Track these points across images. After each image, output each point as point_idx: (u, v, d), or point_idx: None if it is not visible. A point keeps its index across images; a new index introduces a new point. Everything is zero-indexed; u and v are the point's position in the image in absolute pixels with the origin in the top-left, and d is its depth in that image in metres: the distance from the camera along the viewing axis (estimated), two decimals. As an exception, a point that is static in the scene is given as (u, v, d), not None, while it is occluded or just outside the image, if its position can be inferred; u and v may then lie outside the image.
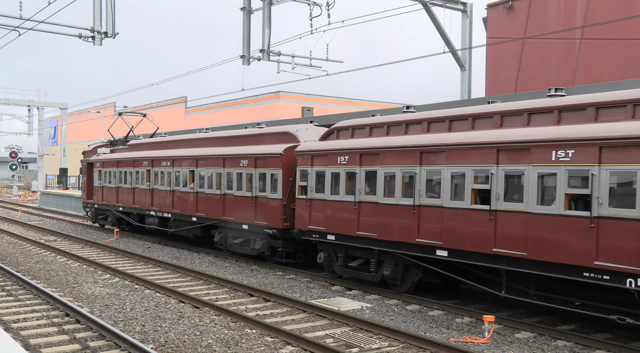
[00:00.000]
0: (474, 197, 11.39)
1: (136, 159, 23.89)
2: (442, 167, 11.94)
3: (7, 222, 30.60)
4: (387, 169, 13.08)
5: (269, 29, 21.45)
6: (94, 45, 20.44)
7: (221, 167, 18.66)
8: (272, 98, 51.55)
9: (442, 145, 11.99)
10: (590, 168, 9.56)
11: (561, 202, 9.92)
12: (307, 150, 15.40)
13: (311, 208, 15.15)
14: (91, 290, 13.74)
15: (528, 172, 10.38)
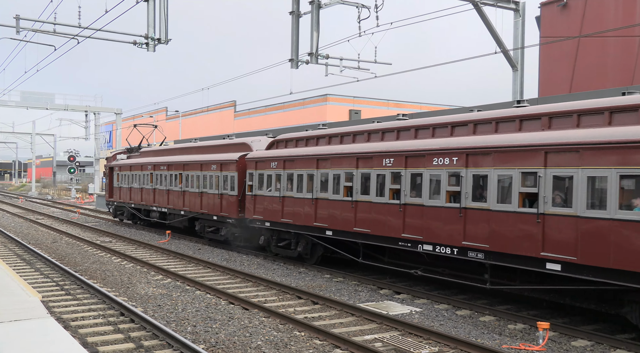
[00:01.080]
0: (344, 190, 16.46)
1: (143, 164, 28.61)
2: (328, 170, 16.28)
3: (65, 224, 31.83)
4: (300, 171, 17.30)
5: (317, 32, 21.55)
6: (148, 51, 21.02)
7: (199, 170, 23.17)
8: (319, 101, 51.75)
9: (330, 154, 16.24)
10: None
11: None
12: (252, 157, 19.78)
13: (255, 202, 19.42)
14: (144, 291, 14.12)
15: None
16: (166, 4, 20.39)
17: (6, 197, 62.23)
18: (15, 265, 17.34)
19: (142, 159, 29.49)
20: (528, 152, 10.98)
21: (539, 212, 10.65)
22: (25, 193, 70.96)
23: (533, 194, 10.87)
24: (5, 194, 70.01)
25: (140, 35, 21.26)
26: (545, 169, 10.67)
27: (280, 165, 18.23)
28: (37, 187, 77.47)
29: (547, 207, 10.57)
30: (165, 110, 74.42)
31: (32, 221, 32.71)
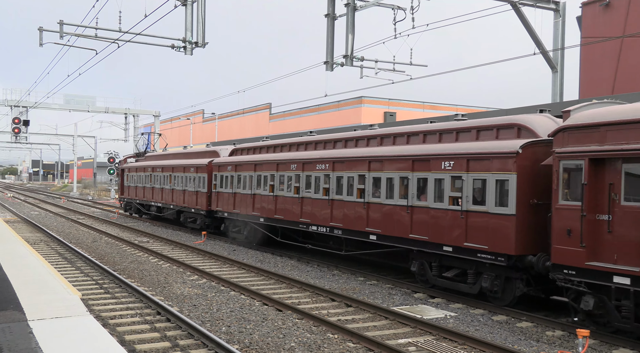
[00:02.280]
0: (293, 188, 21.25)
1: (145, 167, 34.14)
2: (261, 173, 21.70)
3: (105, 224, 32.58)
4: (245, 173, 22.68)
5: (352, 34, 21.54)
6: (185, 54, 21.37)
7: (182, 172, 28.66)
8: (354, 103, 51.68)
9: (262, 161, 21.77)
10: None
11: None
12: (217, 162, 25.23)
13: (217, 197, 24.82)
14: (180, 290, 14.33)
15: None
16: (203, 8, 20.69)
17: (49, 197, 64.10)
18: (57, 264, 17.83)
19: (145, 163, 34.88)
20: (359, 161, 16.61)
21: (365, 201, 16.09)
22: (67, 194, 72.94)
23: (361, 190, 16.40)
24: (48, 194, 72.11)
25: (178, 38, 21.63)
26: (369, 172, 16.14)
27: (233, 168, 23.71)
28: (78, 188, 79.55)
29: (369, 197, 16.03)
30: (202, 113, 75.46)
31: (73, 221, 33.59)
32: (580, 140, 10.71)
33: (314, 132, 22.23)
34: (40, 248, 21.08)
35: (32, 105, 50.01)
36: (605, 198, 10.34)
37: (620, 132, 10.08)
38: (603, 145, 10.31)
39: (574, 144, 10.82)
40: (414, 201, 14.34)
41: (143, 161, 36.37)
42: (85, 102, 58.40)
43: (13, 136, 47.19)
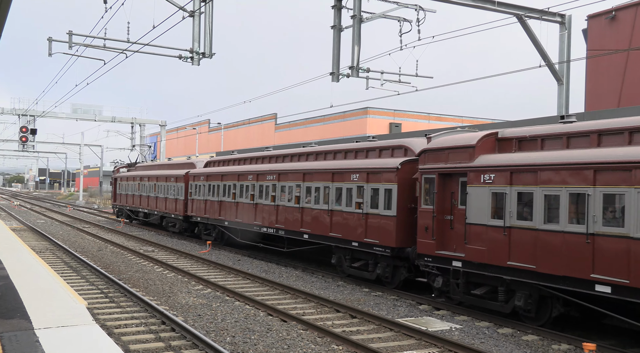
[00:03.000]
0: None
1: (135, 176, 37.35)
2: (226, 182, 24.79)
3: (110, 233, 32.65)
4: (213, 183, 25.80)
5: (358, 46, 21.65)
6: (192, 65, 21.51)
7: (165, 181, 32.03)
8: (360, 114, 51.80)
9: (226, 172, 25.04)
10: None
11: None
12: (192, 173, 28.50)
13: (192, 204, 28.07)
14: (185, 300, 14.34)
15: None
16: (211, 20, 20.86)
17: (55, 206, 64.32)
18: (63, 272, 17.88)
19: (135, 173, 38.10)
20: (296, 173, 19.84)
21: (300, 206, 19.16)
22: (73, 202, 73.18)
23: (298, 197, 19.44)
24: (54, 203, 72.37)
25: (185, 49, 21.79)
26: (303, 182, 19.26)
27: (205, 178, 26.78)
28: (84, 196, 79.82)
29: (303, 203, 19.07)
30: (207, 123, 75.76)
31: (79, 229, 33.68)
32: (434, 160, 14.04)
33: (270, 147, 26.39)
34: (46, 257, 21.14)
35: (40, 114, 50.37)
36: (449, 203, 13.67)
37: (456, 154, 13.42)
38: (447, 164, 13.64)
39: (430, 162, 14.14)
40: (332, 206, 17.66)
41: (133, 171, 39.79)
42: (92, 111, 58.80)
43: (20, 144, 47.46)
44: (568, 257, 10.80)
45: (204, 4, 20.72)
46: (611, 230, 10.16)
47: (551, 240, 11.14)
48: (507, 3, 23.06)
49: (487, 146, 13.11)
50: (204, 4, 20.73)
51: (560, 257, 10.95)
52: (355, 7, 21.50)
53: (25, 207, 58.21)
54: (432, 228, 13.77)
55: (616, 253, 10.03)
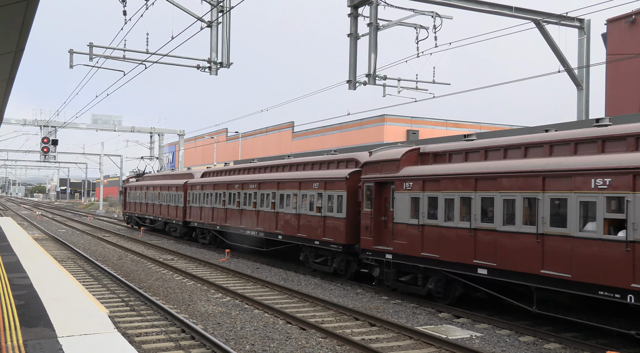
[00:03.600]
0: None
1: (142, 186, 40.90)
2: (218, 191, 27.73)
3: (130, 242, 32.96)
4: (207, 191, 28.76)
5: (374, 53, 21.70)
6: (210, 75, 21.72)
7: (167, 190, 35.18)
8: (377, 122, 51.77)
9: (219, 182, 27.75)
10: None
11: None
12: (190, 183, 31.79)
13: (190, 210, 31.33)
14: (204, 308, 14.41)
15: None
16: (228, 30, 21.07)
17: (76, 215, 65.10)
18: (85, 281, 18.08)
19: (142, 182, 41.46)
20: (272, 182, 22.89)
21: (275, 211, 21.96)
22: (93, 212, 74.03)
23: (273, 203, 22.35)
24: (75, 212, 73.25)
25: (203, 59, 22.01)
26: (277, 190, 22.13)
27: (200, 188, 29.82)
28: (104, 206, 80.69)
29: (277, 208, 21.88)
30: (225, 132, 76.23)
31: (99, 238, 34.06)
32: (372, 171, 16.76)
33: (256, 159, 31.19)
34: (68, 266, 21.40)
35: (61, 125, 51.16)
36: (383, 207, 16.47)
37: (388, 166, 16.18)
38: (381, 174, 16.38)
39: (370, 172, 16.84)
40: (300, 210, 20.37)
41: (141, 181, 42.86)
42: (112, 121, 59.51)
43: (42, 155, 48.23)
44: (459, 247, 13.67)
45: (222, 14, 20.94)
46: (487, 225, 12.96)
47: (449, 234, 13.99)
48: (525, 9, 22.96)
49: (411, 159, 15.89)
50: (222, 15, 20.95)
51: (454, 247, 13.82)
52: (372, 15, 21.56)
53: (47, 217, 59.01)
54: (371, 227, 16.70)
55: (488, 243, 12.89)
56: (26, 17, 8.02)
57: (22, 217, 57.15)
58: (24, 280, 12.54)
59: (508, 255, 12.40)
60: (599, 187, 10.71)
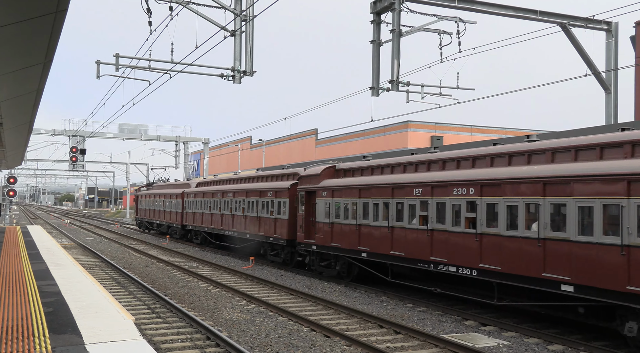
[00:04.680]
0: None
1: (150, 194, 46.97)
2: (213, 198, 32.18)
3: (156, 249, 33.30)
4: (205, 198, 33.45)
5: (398, 60, 21.65)
6: (234, 83, 21.90)
7: (169, 198, 41.05)
8: (401, 128, 51.57)
9: (216, 190, 32.14)
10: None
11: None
12: (186, 192, 37.03)
13: (187, 215, 36.81)
14: (229, 315, 14.46)
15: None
16: (252, 38, 21.23)
17: (103, 223, 66.09)
18: (111, 288, 18.31)
19: (151, 191, 47.37)
20: (240, 192, 28.75)
21: (244, 215, 27.21)
22: (120, 220, 75.05)
23: (243, 208, 27.89)
24: (102, 220, 74.38)
25: (227, 68, 22.21)
26: (246, 198, 27.50)
27: (194, 196, 35.53)
28: (131, 214, 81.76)
29: (247, 212, 27.30)
30: (249, 139, 76.75)
31: (126, 246, 34.49)
32: (305, 182, 22.05)
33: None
34: (95, 273, 21.71)
35: (89, 134, 52.13)
36: (311, 210, 21.68)
37: (313, 179, 21.44)
38: (309, 185, 21.61)
39: (303, 184, 22.16)
40: (259, 213, 25.90)
41: (151, 190, 48.71)
42: (138, 130, 60.42)
43: (70, 164, 49.17)
44: (351, 238, 18.97)
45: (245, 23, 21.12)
46: (365, 222, 18.29)
47: (346, 229, 19.32)
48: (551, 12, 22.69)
49: (329, 174, 21.10)
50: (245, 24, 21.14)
51: (349, 238, 19.11)
52: (395, 22, 21.52)
53: (75, 225, 60.00)
54: (303, 226, 21.94)
55: (366, 234, 18.22)
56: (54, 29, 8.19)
57: (52, 225, 58.23)
58: (52, 287, 12.75)
59: (375, 241, 17.78)
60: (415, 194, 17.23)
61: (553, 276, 11.79)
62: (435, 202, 15.24)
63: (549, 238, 11.91)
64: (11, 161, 37.37)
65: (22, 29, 8.04)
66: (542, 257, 12.06)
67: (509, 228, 12.87)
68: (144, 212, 48.65)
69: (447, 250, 14.75)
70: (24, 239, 27.28)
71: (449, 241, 14.70)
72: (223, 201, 30.38)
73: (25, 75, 10.78)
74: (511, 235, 12.82)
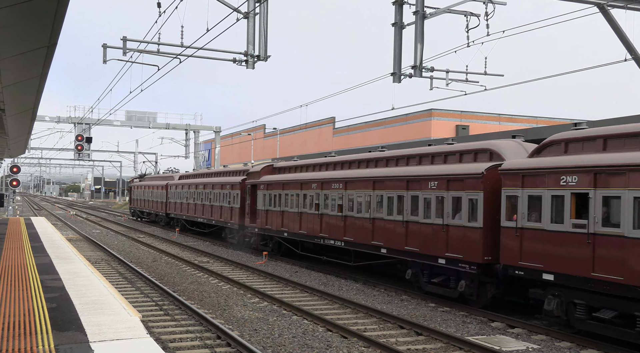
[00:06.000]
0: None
1: (141, 185, 53.50)
2: (190, 190, 39.49)
3: (165, 243, 33.55)
4: (185, 190, 40.38)
5: (421, 43, 21.42)
6: (247, 68, 21.84)
7: (156, 189, 47.68)
8: (424, 116, 51.25)
9: (192, 183, 39.88)
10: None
11: None
12: (169, 183, 44.21)
13: (169, 205, 44.17)
14: (241, 314, 14.51)
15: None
16: (266, 21, 21.15)
17: (110, 215, 66.77)
18: (118, 284, 18.48)
19: (142, 182, 53.89)
20: (208, 184, 36.60)
21: (210, 204, 34.67)
22: (127, 212, 75.73)
23: (210, 198, 34.87)
24: (109, 212, 75.13)
25: (239, 52, 22.17)
26: (212, 190, 34.90)
27: (175, 187, 42.38)
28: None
29: (212, 202, 34.40)
30: (263, 128, 76.86)
31: (133, 239, 34.80)
32: (251, 178, 28.48)
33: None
34: (101, 268, 21.93)
35: (95, 122, 52.51)
36: (255, 200, 27.72)
37: (256, 175, 28.03)
38: (254, 180, 28.04)
39: (250, 179, 28.61)
40: (222, 203, 32.47)
41: (143, 181, 54.87)
42: (147, 118, 60.72)
43: (76, 153, 49.56)
44: (278, 221, 25.43)
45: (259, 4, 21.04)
46: (288, 209, 24.50)
47: (274, 215, 25.82)
48: (586, -8, 22.26)
49: (268, 171, 27.81)
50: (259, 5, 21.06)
51: (277, 221, 25.53)
52: (418, 3, 21.28)
53: (81, 217, 60.72)
54: (249, 213, 28.69)
55: (288, 217, 24.48)
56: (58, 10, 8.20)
57: (57, 216, 58.98)
58: (56, 282, 12.88)
59: (291, 224, 24.33)
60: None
61: (377, 243, 18.68)
62: (323, 194, 22.22)
63: (376, 218, 18.85)
64: (14, 149, 37.81)
65: (25, 10, 8.06)
66: (371, 230, 18.97)
67: (357, 212, 19.83)
68: (137, 202, 55.78)
69: (328, 228, 21.72)
70: (28, 231, 27.64)
71: (329, 222, 21.71)
72: (197, 192, 37.21)
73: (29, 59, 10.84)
74: (359, 216, 19.72)
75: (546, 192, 12.88)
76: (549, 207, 12.76)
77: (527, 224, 13.26)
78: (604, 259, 11.48)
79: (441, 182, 15.85)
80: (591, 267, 11.69)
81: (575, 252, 12.03)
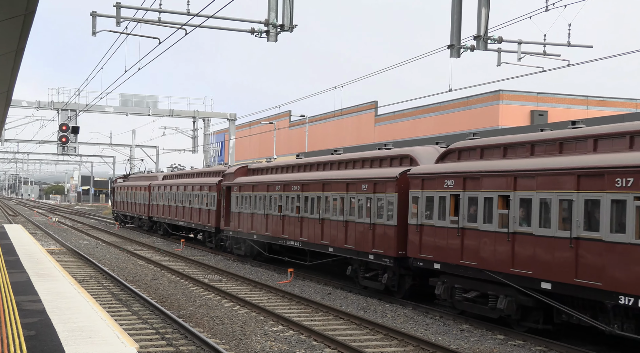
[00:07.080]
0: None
1: (124, 186, 58.38)
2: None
3: (168, 257, 33.95)
4: (162, 191, 47.64)
5: (486, 8, 21.21)
6: (268, 41, 21.88)
7: (138, 190, 52.94)
8: (490, 100, 50.75)
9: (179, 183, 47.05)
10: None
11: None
12: (152, 184, 50.05)
13: (152, 208, 49.63)
14: (261, 345, 14.59)
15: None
16: (291, -19, 21.17)
17: (101, 223, 67.79)
18: (110, 307, 18.76)
19: (126, 183, 58.67)
20: (188, 185, 43.50)
21: (182, 206, 42.32)
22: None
23: (182, 200, 43.02)
24: (99, 219, 76.25)
25: (259, 21, 22.20)
26: (184, 191, 42.99)
27: (157, 189, 48.11)
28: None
29: (184, 204, 42.03)
30: (288, 116, 77.09)
31: (129, 252, 35.30)
32: (226, 179, 34.84)
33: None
34: (90, 287, 22.29)
35: (83, 108, 53.17)
36: (229, 204, 33.94)
37: (230, 176, 34.38)
38: (228, 181, 34.27)
39: (225, 180, 35.00)
40: (200, 205, 38.15)
41: (127, 182, 59.67)
42: (146, 103, 60.76)
43: (60, 146, 50.22)
44: (249, 224, 30.70)
45: (283, -39, 21.08)
46: (258, 211, 30.01)
47: (245, 217, 31.22)
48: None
49: (242, 172, 33.22)
50: (283, -38, 21.09)
51: (248, 224, 30.77)
52: (482, -44, 21.08)
53: (65, 224, 61.81)
54: (224, 215, 33.77)
55: (257, 220, 30.02)
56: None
57: (35, 224, 60.18)
58: (35, 304, 13.11)
59: (259, 226, 29.58)
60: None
61: (325, 242, 24.06)
62: (285, 196, 27.39)
63: (325, 219, 24.31)
64: (-15, 142, 38.64)
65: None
66: (321, 230, 24.30)
67: (310, 213, 25.12)
68: (119, 204, 60.61)
69: (289, 230, 26.94)
70: (0, 242, 28.25)
71: (289, 223, 26.85)
72: (178, 194, 42.68)
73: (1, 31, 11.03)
74: (311, 217, 24.96)
75: (436, 193, 18.59)
76: (437, 206, 18.45)
77: (424, 221, 18.99)
78: (468, 248, 17.16)
79: (370, 185, 21.28)
80: (460, 255, 17.38)
81: (451, 243, 17.74)
